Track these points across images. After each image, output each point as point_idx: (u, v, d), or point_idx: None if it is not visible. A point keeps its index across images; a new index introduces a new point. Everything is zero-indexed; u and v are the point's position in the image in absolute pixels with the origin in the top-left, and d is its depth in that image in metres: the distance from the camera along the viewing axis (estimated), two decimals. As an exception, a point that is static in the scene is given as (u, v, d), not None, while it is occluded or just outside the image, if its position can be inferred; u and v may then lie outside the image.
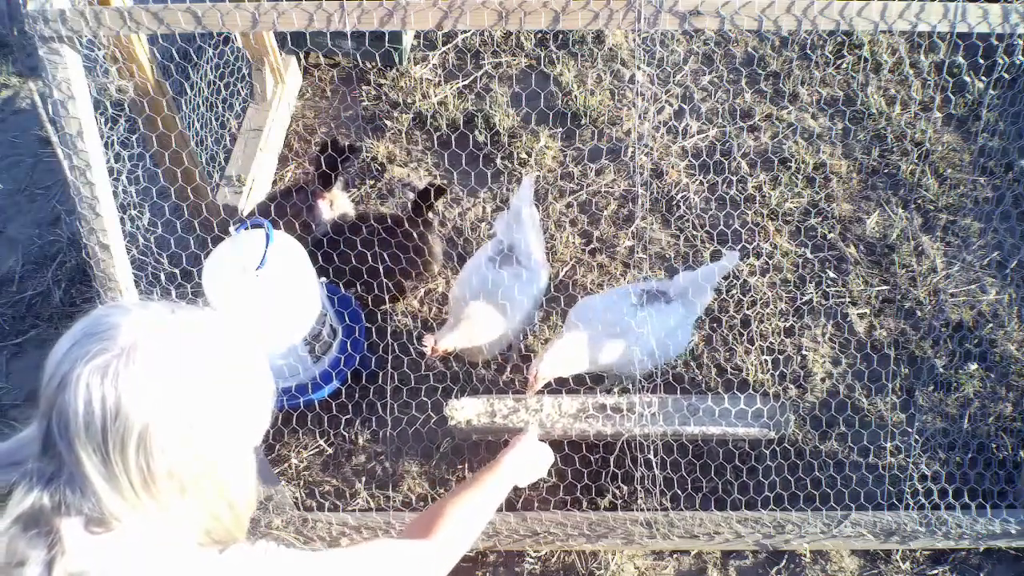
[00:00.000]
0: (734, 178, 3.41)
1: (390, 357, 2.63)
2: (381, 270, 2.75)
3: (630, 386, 2.70)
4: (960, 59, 3.63)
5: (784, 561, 2.53)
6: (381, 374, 2.73)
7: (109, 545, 1.09)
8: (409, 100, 3.73)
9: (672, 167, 3.47)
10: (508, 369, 2.90)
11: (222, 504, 1.17)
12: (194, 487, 1.12)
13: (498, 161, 3.50)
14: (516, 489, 2.45)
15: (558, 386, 2.80)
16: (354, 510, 2.61)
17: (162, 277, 2.59)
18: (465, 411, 2.62)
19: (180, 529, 1.15)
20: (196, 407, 1.09)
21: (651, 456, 2.48)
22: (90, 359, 1.05)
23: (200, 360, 1.11)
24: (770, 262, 3.16)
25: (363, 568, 1.43)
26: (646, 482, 2.49)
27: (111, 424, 1.03)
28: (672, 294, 2.60)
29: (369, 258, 2.72)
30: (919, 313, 3.06)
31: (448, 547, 1.62)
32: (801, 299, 3.08)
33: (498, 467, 1.83)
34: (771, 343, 2.96)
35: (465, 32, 3.94)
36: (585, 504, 2.61)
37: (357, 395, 2.81)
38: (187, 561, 1.15)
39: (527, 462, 1.91)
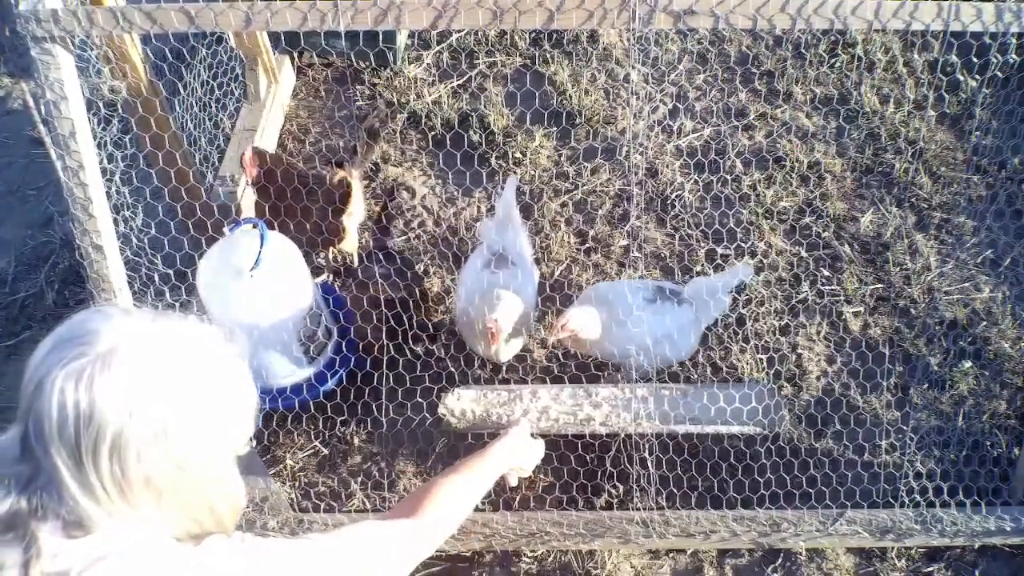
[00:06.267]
0: (729, 177, 3.41)
1: (385, 358, 2.62)
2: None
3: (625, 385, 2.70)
4: (954, 58, 3.64)
5: (780, 559, 2.53)
6: (376, 375, 2.72)
7: (85, 546, 1.09)
8: (403, 100, 3.72)
9: (667, 166, 3.47)
10: (504, 369, 2.90)
11: (203, 509, 1.17)
12: (172, 494, 1.12)
13: (493, 161, 3.49)
14: (509, 489, 2.47)
15: (559, 374, 2.80)
16: (350, 511, 2.61)
17: (156, 278, 2.58)
18: (459, 403, 2.59)
19: (158, 530, 1.14)
20: (173, 415, 1.08)
21: (647, 455, 2.48)
22: (66, 364, 1.05)
23: (179, 368, 1.11)
24: (765, 261, 3.17)
25: (345, 553, 1.41)
26: (642, 481, 2.49)
27: (84, 429, 1.03)
28: (685, 296, 2.61)
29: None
30: (913, 311, 3.07)
31: (433, 527, 1.62)
32: (796, 297, 3.09)
33: (488, 452, 1.88)
34: (766, 341, 2.96)
35: (459, 31, 3.93)
36: (581, 504, 2.61)
37: (352, 395, 2.80)
38: (163, 556, 1.15)
39: (517, 451, 1.96)
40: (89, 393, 1.03)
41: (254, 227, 2.45)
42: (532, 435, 2.17)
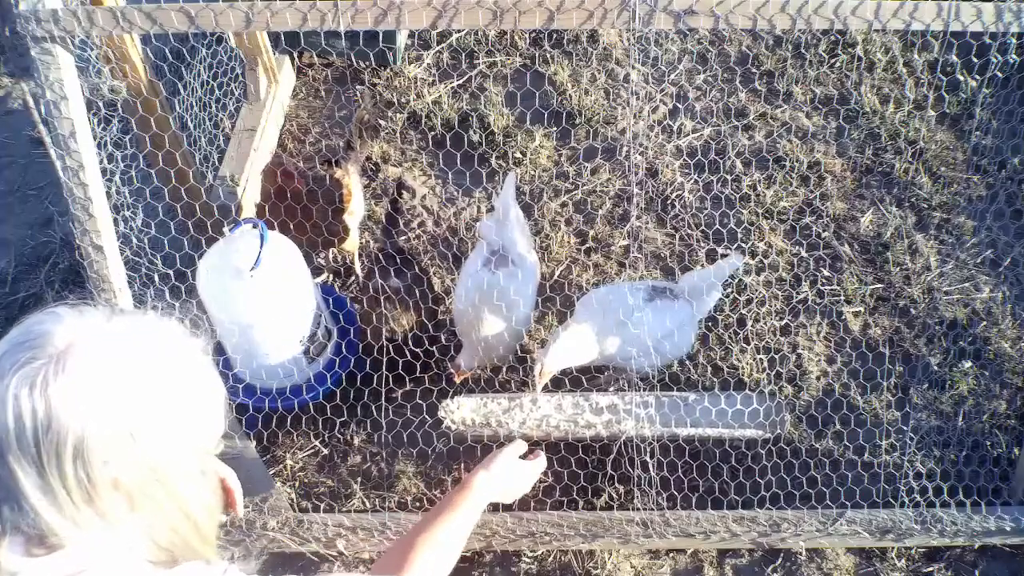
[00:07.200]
0: (729, 177, 3.41)
1: (385, 359, 2.62)
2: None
3: (626, 386, 2.70)
4: (953, 58, 3.64)
5: (780, 559, 2.53)
6: (376, 376, 2.72)
7: (49, 564, 1.05)
8: (403, 100, 3.72)
9: (667, 166, 3.47)
10: (503, 370, 2.90)
11: (178, 514, 1.13)
12: (144, 498, 1.08)
13: (493, 161, 3.49)
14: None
15: (559, 377, 2.80)
16: (350, 511, 2.61)
17: (156, 278, 2.58)
18: (460, 412, 2.63)
19: (131, 545, 1.10)
20: (136, 415, 1.05)
21: (647, 458, 2.48)
22: (18, 369, 1.01)
23: (138, 366, 1.07)
24: (765, 261, 3.17)
25: None
26: (642, 482, 2.49)
27: (43, 436, 1.00)
28: (678, 293, 2.61)
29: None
30: (913, 311, 3.07)
31: None
32: (796, 298, 3.09)
33: (468, 490, 1.77)
34: (766, 342, 2.96)
35: (459, 31, 3.93)
36: (581, 504, 2.61)
37: (352, 396, 2.80)
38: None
39: (501, 480, 1.83)
40: (44, 398, 1.00)
41: (254, 227, 2.46)
42: (538, 447, 2.10)
